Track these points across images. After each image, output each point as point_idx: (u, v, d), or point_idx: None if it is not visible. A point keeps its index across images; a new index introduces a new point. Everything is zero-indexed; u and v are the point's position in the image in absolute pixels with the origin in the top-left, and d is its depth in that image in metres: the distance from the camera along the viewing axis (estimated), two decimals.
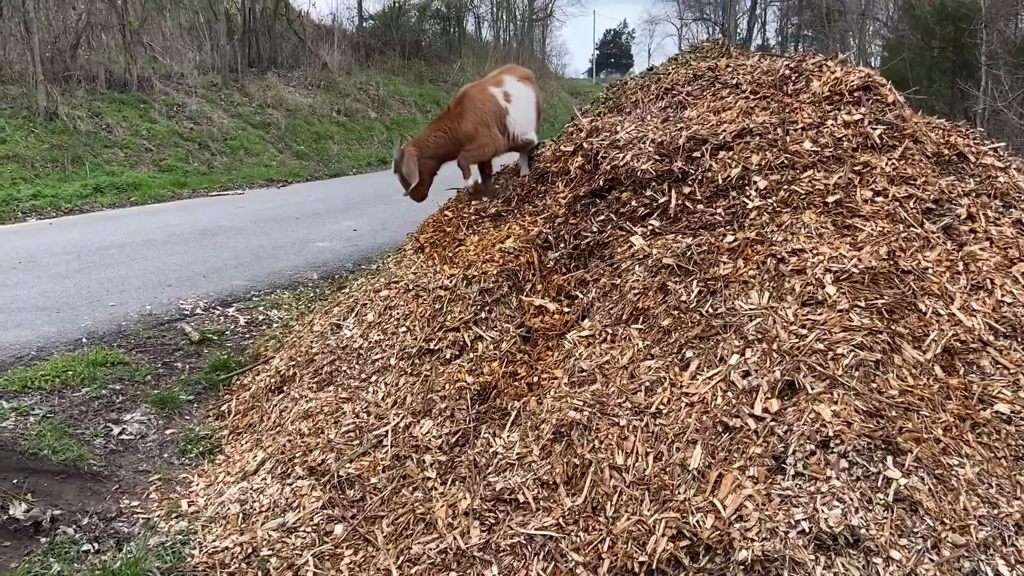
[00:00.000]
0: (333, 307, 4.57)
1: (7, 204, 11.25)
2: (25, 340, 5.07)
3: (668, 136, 4.00)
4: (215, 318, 5.85)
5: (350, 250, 8.26)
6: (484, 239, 4.33)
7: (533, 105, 5.34)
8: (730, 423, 2.90)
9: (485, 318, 3.83)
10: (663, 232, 3.69)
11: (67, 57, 15.94)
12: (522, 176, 5.17)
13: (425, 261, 4.43)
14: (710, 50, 5.36)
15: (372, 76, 25.53)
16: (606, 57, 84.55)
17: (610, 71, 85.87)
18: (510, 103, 5.17)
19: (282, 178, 15.73)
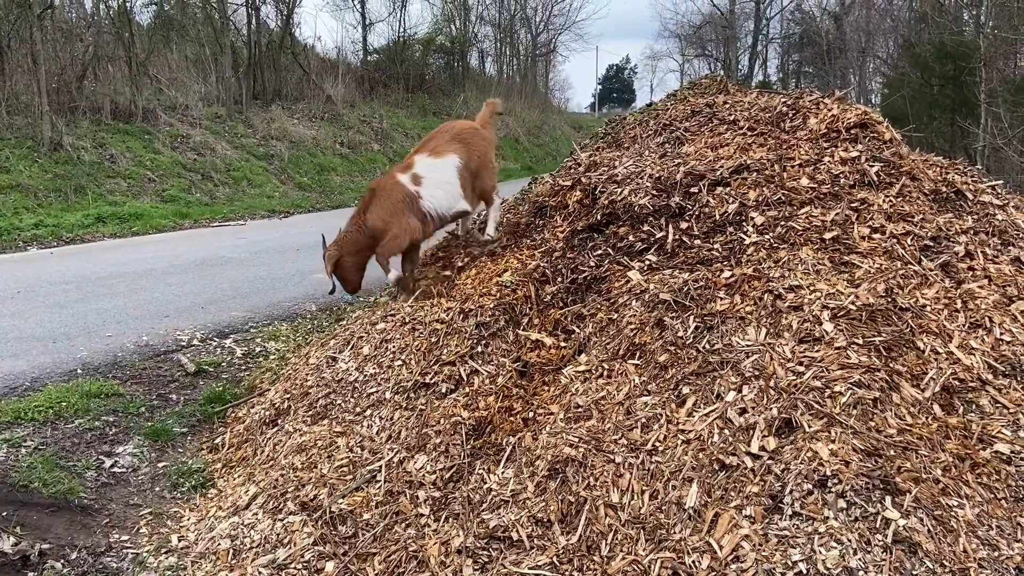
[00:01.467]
0: (329, 340, 4.55)
1: (9, 233, 11.29)
2: (20, 370, 5.04)
3: (666, 171, 4.02)
4: (212, 349, 5.83)
5: None
6: (482, 272, 4.32)
7: (454, 174, 4.82)
8: (727, 461, 2.87)
9: (481, 352, 3.81)
10: (660, 267, 3.69)
11: (73, 88, 16.13)
12: (484, 239, 4.90)
13: (423, 291, 4.42)
14: (708, 86, 5.42)
15: (376, 109, 25.81)
16: (608, 92, 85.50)
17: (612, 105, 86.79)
18: (421, 185, 4.80)
19: (284, 209, 15.82)
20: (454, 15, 34.41)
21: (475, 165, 4.91)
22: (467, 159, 4.87)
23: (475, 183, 4.93)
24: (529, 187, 5.53)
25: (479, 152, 4.94)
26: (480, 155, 4.94)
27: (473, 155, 4.90)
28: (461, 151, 4.88)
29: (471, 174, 4.89)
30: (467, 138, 4.93)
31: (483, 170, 4.95)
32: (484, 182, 4.97)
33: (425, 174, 4.82)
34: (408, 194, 4.80)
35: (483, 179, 4.97)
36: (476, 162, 4.91)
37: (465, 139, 4.93)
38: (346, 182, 20.80)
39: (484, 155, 4.96)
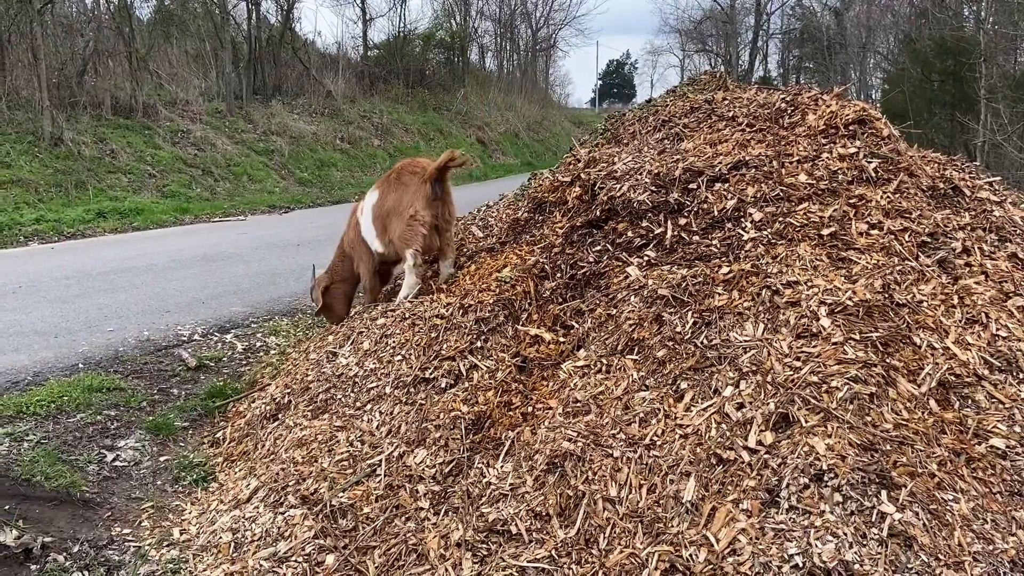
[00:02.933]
0: (329, 335, 4.58)
1: (10, 228, 11.31)
2: (22, 365, 5.07)
3: (665, 168, 4.04)
4: (213, 344, 5.85)
5: None
6: (481, 268, 4.34)
7: (370, 212, 4.75)
8: (724, 455, 2.89)
9: (481, 347, 3.83)
10: (659, 263, 3.71)
11: (73, 83, 16.12)
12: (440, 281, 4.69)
13: (420, 290, 4.44)
14: (708, 82, 5.43)
15: (376, 104, 25.78)
16: (609, 87, 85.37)
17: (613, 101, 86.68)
18: (362, 215, 4.82)
19: (284, 204, 15.83)
20: (454, 10, 34.36)
21: (387, 208, 4.67)
22: (382, 200, 4.71)
23: (387, 227, 4.65)
24: (528, 183, 5.54)
25: (395, 196, 4.64)
26: (395, 200, 4.62)
27: (389, 197, 4.67)
28: (382, 189, 4.73)
29: (384, 214, 4.69)
30: (395, 178, 4.73)
31: (393, 217, 4.61)
32: (393, 231, 4.62)
33: (365, 204, 4.88)
34: (355, 221, 4.94)
35: (392, 227, 4.63)
36: (388, 205, 4.66)
37: (392, 179, 4.74)
38: (346, 177, 20.81)
39: (399, 201, 4.59)
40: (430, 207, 4.57)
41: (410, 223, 4.52)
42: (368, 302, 5.06)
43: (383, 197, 4.71)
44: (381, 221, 4.70)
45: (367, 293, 5.08)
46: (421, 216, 4.52)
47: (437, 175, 4.60)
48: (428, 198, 4.57)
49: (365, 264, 4.95)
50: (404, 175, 4.71)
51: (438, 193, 4.62)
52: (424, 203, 4.55)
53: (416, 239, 4.52)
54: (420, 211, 4.53)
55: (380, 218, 4.71)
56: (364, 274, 5.00)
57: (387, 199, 4.68)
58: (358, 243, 4.93)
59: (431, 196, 4.58)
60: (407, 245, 4.51)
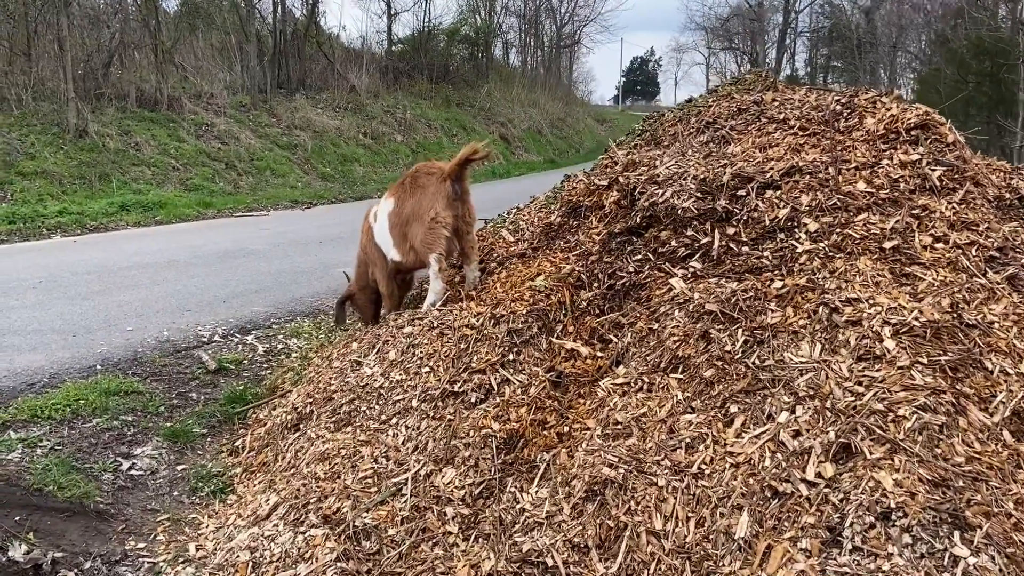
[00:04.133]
0: (353, 341, 4.40)
1: (33, 220, 11.29)
2: (38, 365, 4.94)
3: (711, 173, 3.80)
4: (233, 346, 5.70)
5: None
6: (513, 276, 4.14)
7: (385, 220, 4.50)
8: (780, 488, 2.67)
9: (513, 360, 3.62)
10: (705, 275, 3.48)
11: (99, 75, 16.13)
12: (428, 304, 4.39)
13: (448, 296, 4.25)
14: (753, 82, 5.17)
15: (399, 100, 25.65)
16: (632, 84, 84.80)
17: (636, 98, 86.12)
18: (375, 221, 4.62)
19: (307, 200, 15.73)
20: (479, 5, 34.18)
21: (405, 215, 4.39)
22: (399, 207, 4.45)
23: (408, 233, 4.42)
24: (561, 185, 5.32)
25: (414, 201, 4.36)
26: (414, 204, 4.35)
27: (406, 203, 4.40)
28: (399, 196, 4.50)
29: (401, 221, 4.45)
30: (410, 182, 4.47)
31: (413, 222, 4.33)
32: (414, 236, 4.34)
33: (380, 209, 4.67)
34: (368, 227, 4.76)
35: (412, 233, 4.34)
36: (407, 212, 4.39)
37: (408, 183, 4.49)
38: (369, 173, 20.70)
39: (418, 205, 4.32)
40: (451, 207, 4.32)
41: (431, 226, 4.27)
42: (388, 309, 4.88)
43: (400, 204, 4.46)
44: (399, 229, 4.46)
45: (386, 300, 4.90)
46: (442, 218, 4.29)
47: (457, 173, 4.35)
48: (448, 198, 4.32)
49: (380, 270, 4.76)
50: (420, 177, 4.45)
51: (458, 192, 4.38)
52: (444, 203, 4.31)
53: (439, 242, 4.29)
54: (440, 212, 4.29)
55: (398, 226, 4.47)
56: (380, 280, 4.82)
57: (404, 205, 4.44)
58: (371, 249, 4.75)
59: (451, 195, 4.35)
60: (429, 249, 4.28)
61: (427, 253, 4.33)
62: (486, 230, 5.24)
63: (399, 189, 4.56)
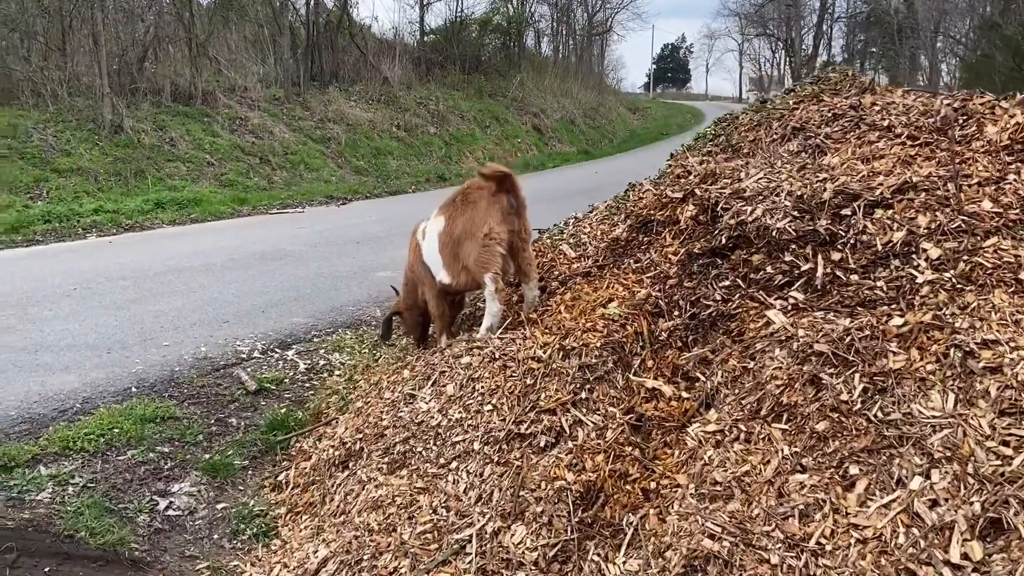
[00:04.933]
0: (404, 368, 4.05)
1: (69, 220, 11.15)
2: (71, 388, 4.68)
3: (809, 188, 3.38)
4: (273, 363, 5.40)
5: None
6: (580, 300, 3.76)
7: (435, 239, 4.18)
8: (919, 572, 2.27)
9: (586, 399, 3.25)
10: (808, 307, 3.07)
11: (134, 70, 16.00)
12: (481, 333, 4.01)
13: (509, 322, 3.88)
14: (840, 82, 4.70)
15: (432, 91, 25.32)
16: (663, 71, 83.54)
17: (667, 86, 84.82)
18: (424, 239, 4.30)
19: (341, 195, 15.47)
20: None
21: (457, 234, 4.09)
22: (450, 226, 4.13)
23: (459, 255, 4.11)
24: (625, 195, 4.91)
25: (466, 219, 4.06)
26: (466, 222, 4.04)
27: (458, 222, 4.09)
28: (449, 214, 4.17)
29: (452, 241, 4.13)
30: (461, 200, 4.14)
31: (466, 241, 4.02)
32: (467, 256, 4.02)
33: (428, 228, 4.34)
34: (416, 244, 4.43)
35: (465, 252, 4.03)
36: (459, 231, 4.08)
37: (459, 201, 4.15)
38: (402, 166, 20.41)
39: (471, 222, 4.02)
40: (505, 222, 3.96)
41: (485, 243, 3.92)
42: (438, 332, 4.54)
43: (451, 222, 4.13)
44: (451, 249, 4.14)
45: (436, 322, 4.55)
46: (496, 233, 3.93)
47: (508, 186, 3.99)
48: (503, 212, 3.97)
49: (430, 290, 4.42)
50: (472, 193, 4.11)
51: (513, 205, 4.02)
52: (499, 218, 3.95)
53: (494, 260, 3.93)
54: (495, 228, 3.93)
55: (449, 245, 4.14)
56: (430, 301, 4.48)
57: (455, 224, 4.11)
58: (420, 268, 4.40)
59: (506, 209, 3.99)
60: (484, 269, 3.92)
61: (482, 272, 3.96)
62: (543, 242, 4.86)
63: (449, 207, 4.21)
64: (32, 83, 14.33)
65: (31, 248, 9.50)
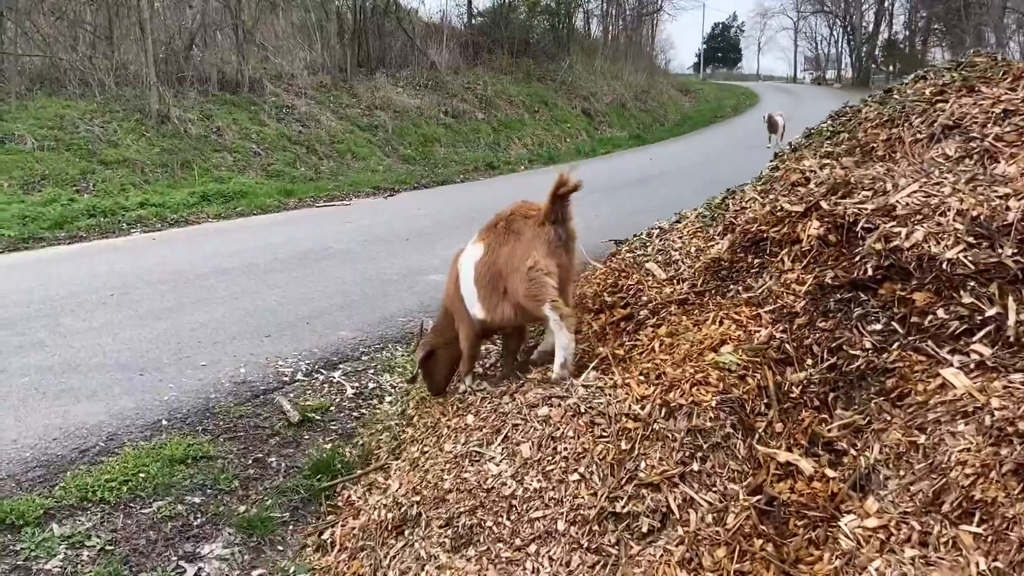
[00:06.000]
0: (467, 413, 3.46)
1: (114, 214, 10.87)
2: (95, 420, 4.20)
3: (986, 207, 2.67)
4: (318, 386, 4.88)
5: None
6: (680, 338, 3.11)
7: (471, 268, 3.62)
8: None
9: (698, 472, 2.62)
10: (1000, 367, 2.37)
11: (181, 58, 15.74)
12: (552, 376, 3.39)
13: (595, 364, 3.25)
14: (990, 67, 3.91)
15: (480, 75, 24.74)
16: (713, 51, 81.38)
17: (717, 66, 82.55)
18: (461, 268, 3.70)
19: (389, 185, 14.98)
20: None
21: (498, 266, 3.52)
22: (490, 255, 3.55)
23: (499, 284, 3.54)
24: (722, 202, 4.21)
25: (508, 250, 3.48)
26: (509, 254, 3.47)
27: (499, 252, 3.52)
28: (489, 242, 3.58)
29: (490, 273, 3.55)
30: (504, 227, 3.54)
31: (510, 275, 3.47)
32: (515, 291, 3.44)
33: (466, 255, 3.72)
34: (454, 272, 3.80)
35: (512, 286, 3.47)
36: (500, 262, 3.51)
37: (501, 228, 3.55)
38: (450, 154, 19.88)
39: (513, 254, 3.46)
40: (552, 255, 3.38)
41: (531, 276, 3.36)
42: (465, 372, 3.93)
43: (491, 252, 3.56)
44: (489, 282, 3.57)
45: (465, 361, 3.92)
46: (544, 266, 3.34)
47: (555, 214, 3.38)
48: (550, 244, 3.38)
49: (465, 323, 3.80)
50: (516, 221, 3.51)
51: (561, 237, 3.40)
52: (544, 250, 3.37)
53: (546, 288, 3.33)
54: (540, 260, 3.35)
55: (488, 277, 3.57)
56: (462, 337, 3.85)
57: (496, 254, 3.54)
58: (456, 298, 3.79)
59: (553, 241, 3.38)
60: (539, 300, 3.34)
61: (538, 306, 3.35)
62: (622, 258, 4.20)
63: (490, 233, 3.59)
64: (79, 72, 14.13)
65: (73, 246, 9.19)
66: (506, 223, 3.56)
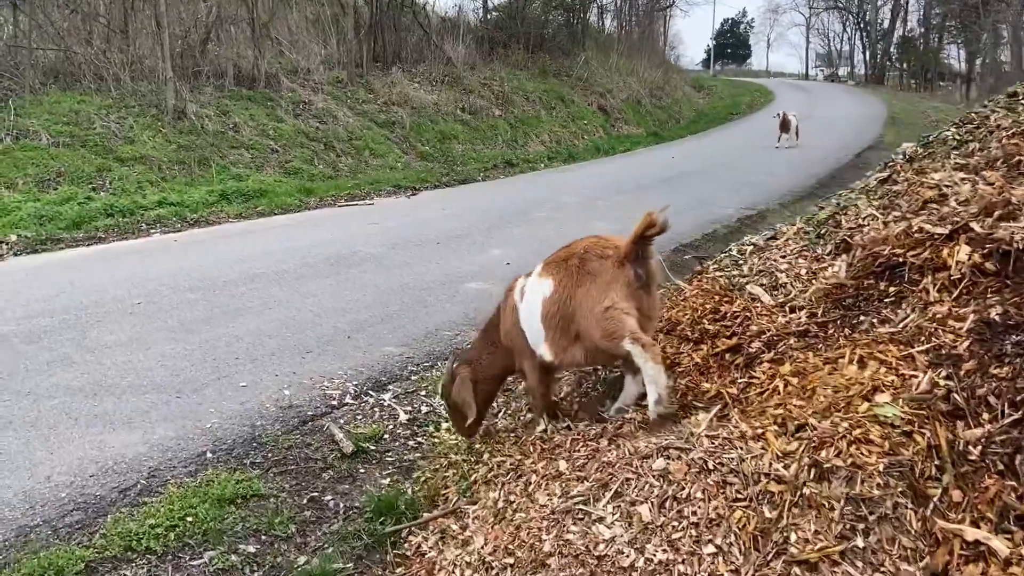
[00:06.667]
0: (560, 458, 3.06)
1: (133, 213, 10.53)
2: (135, 453, 3.83)
3: None
4: (368, 411, 4.50)
5: None
6: (810, 379, 2.71)
7: (538, 305, 3.27)
8: None
9: (863, 548, 2.23)
10: None
11: (196, 52, 15.38)
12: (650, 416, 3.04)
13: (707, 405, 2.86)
14: None
15: (496, 71, 24.37)
16: (722, 48, 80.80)
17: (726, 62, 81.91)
18: (522, 299, 3.39)
19: (409, 184, 14.61)
20: None
21: (570, 308, 3.18)
22: (560, 293, 3.21)
23: (570, 327, 3.23)
24: (830, 218, 3.80)
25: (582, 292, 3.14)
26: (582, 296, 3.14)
27: (572, 292, 3.18)
28: (560, 279, 3.24)
29: (561, 313, 3.22)
30: (577, 265, 3.21)
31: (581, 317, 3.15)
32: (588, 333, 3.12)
33: (528, 289, 3.39)
34: (513, 306, 3.46)
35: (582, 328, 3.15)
36: (572, 304, 3.18)
37: (573, 266, 3.21)
38: (468, 151, 19.51)
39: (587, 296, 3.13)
40: (631, 298, 3.08)
41: (607, 315, 3.05)
42: (537, 412, 3.55)
43: (561, 289, 3.23)
44: (558, 322, 3.24)
45: (536, 401, 3.57)
46: (621, 307, 3.04)
47: (636, 253, 3.07)
48: (629, 285, 3.08)
49: (529, 362, 3.45)
50: (591, 260, 3.18)
51: (642, 278, 3.09)
52: (623, 293, 3.07)
53: (624, 324, 3.01)
54: (619, 302, 3.05)
55: (559, 318, 3.24)
56: (529, 375, 3.50)
57: (569, 294, 3.21)
58: (516, 334, 3.42)
59: (632, 283, 3.08)
60: (618, 337, 3.02)
61: (616, 343, 3.02)
62: (713, 279, 3.80)
63: (561, 271, 3.24)
64: (94, 66, 13.77)
65: (92, 248, 8.84)
66: (580, 262, 3.22)
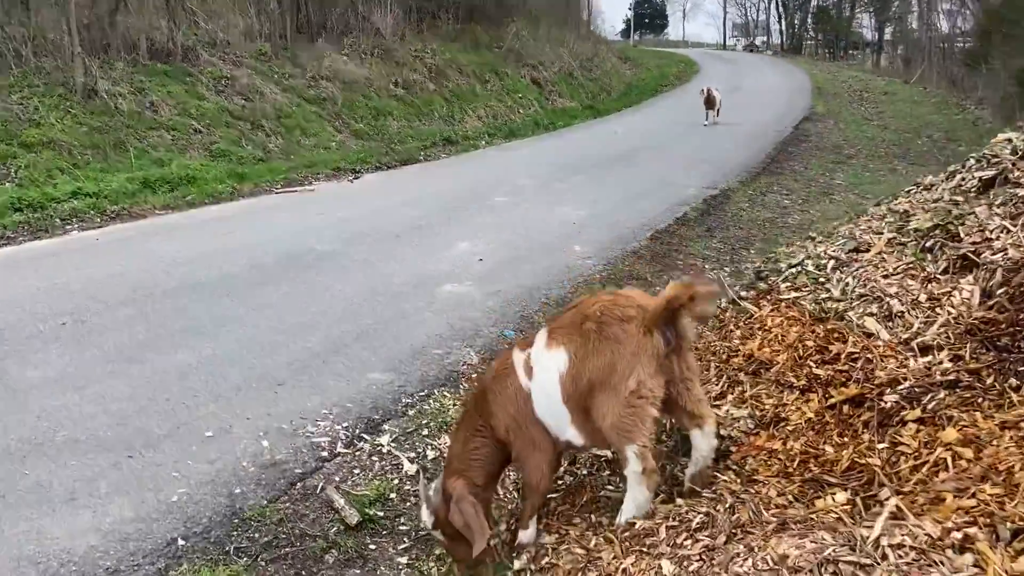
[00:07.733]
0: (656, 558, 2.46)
1: (44, 208, 9.31)
2: (85, 547, 3.02)
3: None
4: (366, 461, 3.80)
5: (494, 301, 6.15)
6: (993, 453, 2.20)
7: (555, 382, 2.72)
8: None
9: None
10: None
11: (105, 24, 13.88)
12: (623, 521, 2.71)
13: (863, 489, 2.31)
14: None
15: (427, 43, 23.37)
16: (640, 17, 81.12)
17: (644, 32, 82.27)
18: (532, 378, 2.82)
19: (348, 166, 13.64)
20: None
21: (588, 380, 2.68)
22: (578, 366, 2.70)
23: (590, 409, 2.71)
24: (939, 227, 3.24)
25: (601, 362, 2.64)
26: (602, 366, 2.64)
27: (588, 362, 2.67)
28: (575, 347, 2.73)
29: (580, 391, 2.71)
30: (595, 329, 2.69)
31: (601, 393, 2.65)
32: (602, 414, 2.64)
33: (539, 361, 2.82)
34: (519, 386, 2.84)
35: (600, 406, 2.65)
36: (590, 376, 2.67)
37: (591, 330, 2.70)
38: (404, 128, 18.55)
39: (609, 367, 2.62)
40: (661, 372, 2.64)
41: (631, 402, 2.61)
42: (528, 514, 2.96)
43: (579, 361, 2.71)
44: (577, 401, 2.73)
45: (533, 495, 2.94)
46: (648, 390, 2.60)
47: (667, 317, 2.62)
48: (658, 356, 2.62)
49: (542, 454, 2.85)
50: (610, 326, 2.68)
51: (670, 341, 2.64)
52: (652, 368, 2.61)
53: (642, 427, 2.60)
54: (647, 382, 2.60)
55: (575, 397, 2.73)
56: (534, 470, 2.89)
57: (586, 364, 2.70)
58: (530, 426, 2.80)
59: (661, 352, 2.62)
60: (627, 439, 2.62)
61: (624, 443, 2.62)
62: (779, 293, 3.25)
63: (575, 337, 2.71)
64: None
65: (1, 250, 7.67)
66: (597, 326, 2.69)
